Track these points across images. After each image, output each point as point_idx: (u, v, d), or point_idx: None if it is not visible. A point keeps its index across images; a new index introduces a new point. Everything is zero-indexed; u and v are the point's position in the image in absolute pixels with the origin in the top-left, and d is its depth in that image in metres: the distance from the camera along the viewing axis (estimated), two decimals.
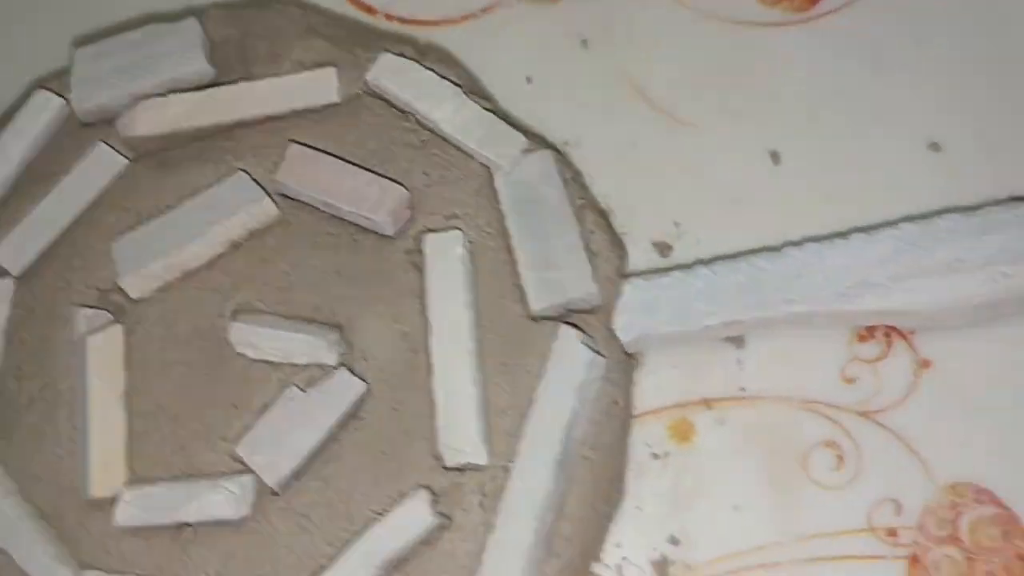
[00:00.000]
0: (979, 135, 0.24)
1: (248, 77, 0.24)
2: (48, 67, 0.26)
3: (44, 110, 0.25)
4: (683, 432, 0.23)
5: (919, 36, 0.25)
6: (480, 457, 0.21)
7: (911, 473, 0.22)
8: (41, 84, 0.26)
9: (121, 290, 0.23)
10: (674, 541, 0.22)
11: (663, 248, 0.24)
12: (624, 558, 0.22)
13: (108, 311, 0.23)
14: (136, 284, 0.23)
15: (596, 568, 0.22)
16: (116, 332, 0.23)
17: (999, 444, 0.22)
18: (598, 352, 0.22)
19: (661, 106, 0.25)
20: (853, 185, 0.24)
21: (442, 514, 0.21)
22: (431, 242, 0.22)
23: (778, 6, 0.25)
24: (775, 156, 0.24)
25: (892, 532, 0.22)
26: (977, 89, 0.25)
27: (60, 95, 0.25)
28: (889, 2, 0.25)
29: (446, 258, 0.22)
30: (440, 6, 0.26)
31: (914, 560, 0.22)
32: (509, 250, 0.22)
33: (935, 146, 0.24)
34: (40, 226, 0.24)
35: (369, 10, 0.26)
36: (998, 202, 0.23)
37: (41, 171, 0.24)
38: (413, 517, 0.21)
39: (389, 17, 0.26)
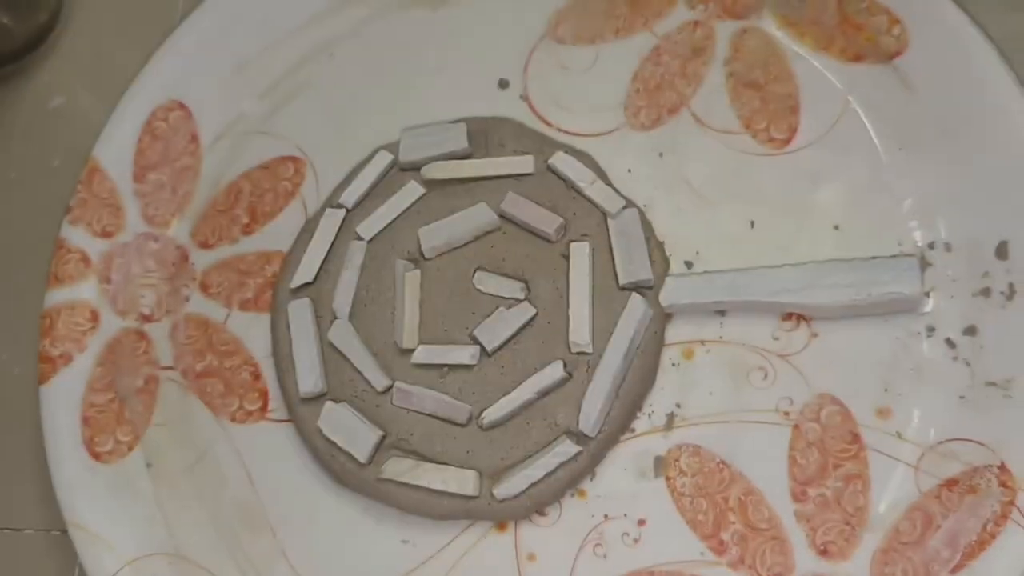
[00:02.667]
0: (869, 221, 0.38)
1: (487, 155, 0.40)
2: (387, 140, 0.41)
3: (383, 160, 0.41)
4: (688, 354, 0.38)
5: (836, 168, 0.38)
6: (589, 348, 0.37)
7: (800, 386, 0.36)
8: (382, 148, 0.41)
9: (421, 253, 0.39)
10: (678, 406, 0.37)
11: (689, 264, 0.38)
12: (652, 411, 0.37)
13: (413, 262, 0.39)
14: (429, 250, 0.39)
15: (639, 415, 0.37)
16: (416, 274, 0.39)
17: (846, 379, 0.36)
18: (649, 307, 0.37)
19: (697, 191, 0.39)
20: (789, 244, 0.38)
21: (568, 373, 0.37)
22: (573, 247, 0.38)
23: (764, 144, 0.39)
24: (752, 224, 0.39)
25: (786, 413, 0.36)
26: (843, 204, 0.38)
27: (392, 154, 0.41)
28: (820, 148, 0.39)
29: (580, 256, 0.38)
30: (587, 126, 0.41)
31: (796, 428, 0.36)
32: (611, 255, 0.38)
33: (838, 227, 0.38)
34: (380, 217, 0.40)
35: (548, 124, 0.41)
36: (863, 259, 0.37)
37: (379, 191, 0.40)
38: (554, 372, 0.36)
39: (560, 129, 0.41)
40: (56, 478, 0.38)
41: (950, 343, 0.36)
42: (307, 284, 0.40)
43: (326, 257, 0.40)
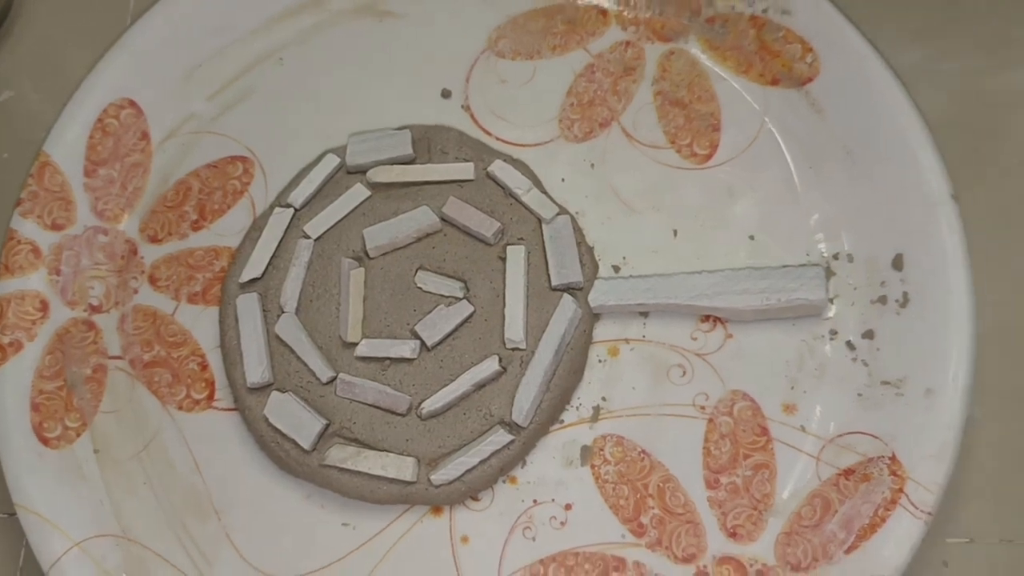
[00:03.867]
0: (780, 232, 0.41)
1: (430, 161, 0.42)
2: (334, 144, 0.43)
3: (331, 163, 0.42)
4: (614, 351, 0.40)
5: (753, 183, 0.41)
6: (523, 344, 0.39)
7: (715, 382, 0.39)
8: (330, 151, 0.43)
9: (366, 252, 0.41)
10: (604, 400, 0.40)
11: (616, 269, 0.41)
12: (580, 404, 0.40)
13: (358, 261, 0.41)
14: (373, 250, 0.40)
15: (567, 407, 0.39)
16: (361, 272, 0.40)
17: (757, 377, 0.39)
18: (579, 307, 0.39)
19: (625, 200, 0.42)
20: (707, 252, 0.41)
21: (503, 367, 0.39)
22: (510, 250, 0.40)
23: (688, 159, 0.42)
24: (675, 233, 0.41)
25: (702, 407, 0.39)
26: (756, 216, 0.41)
27: (339, 157, 0.42)
28: (738, 165, 0.42)
29: (516, 258, 0.40)
30: (524, 136, 0.43)
31: (710, 421, 0.39)
32: (544, 257, 0.40)
33: (752, 237, 0.41)
34: (327, 217, 0.41)
35: (488, 134, 0.43)
36: (774, 267, 0.40)
37: (326, 192, 0.42)
38: (490, 366, 0.39)
39: (499, 139, 0.43)
40: (5, 462, 0.39)
41: (850, 345, 0.40)
42: (255, 279, 0.41)
43: (274, 254, 0.42)
